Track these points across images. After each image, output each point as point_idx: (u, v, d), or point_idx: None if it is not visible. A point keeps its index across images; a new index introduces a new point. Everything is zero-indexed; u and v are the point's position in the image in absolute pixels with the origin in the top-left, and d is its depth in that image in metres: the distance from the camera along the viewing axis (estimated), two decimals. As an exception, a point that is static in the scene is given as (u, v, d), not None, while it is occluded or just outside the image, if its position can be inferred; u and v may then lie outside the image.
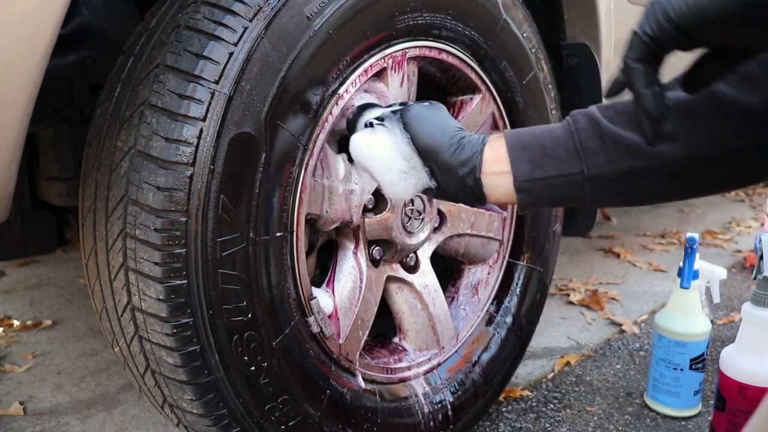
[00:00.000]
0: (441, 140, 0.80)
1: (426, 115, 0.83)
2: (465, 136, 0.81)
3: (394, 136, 0.83)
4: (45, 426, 1.26)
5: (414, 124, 0.82)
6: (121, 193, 0.78)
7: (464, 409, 1.16)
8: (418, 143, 0.82)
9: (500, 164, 0.78)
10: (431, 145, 0.80)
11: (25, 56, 0.69)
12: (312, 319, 0.92)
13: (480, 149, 0.79)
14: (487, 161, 0.78)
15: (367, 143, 0.84)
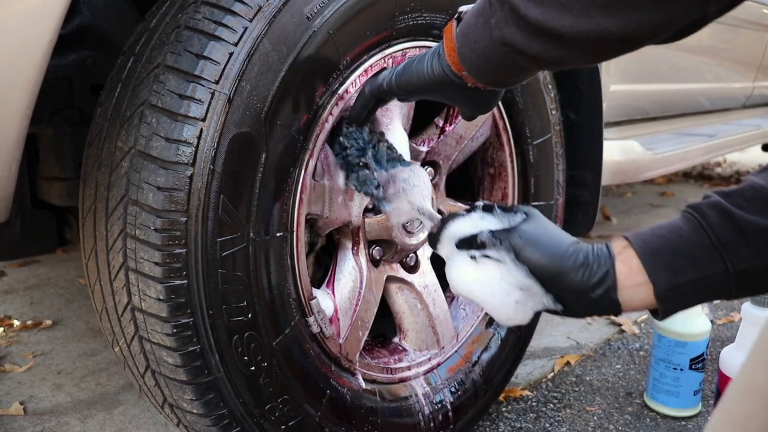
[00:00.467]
0: (563, 264, 0.72)
1: (535, 236, 0.75)
2: (584, 251, 0.73)
3: (505, 268, 0.75)
4: (45, 426, 1.26)
5: (527, 251, 0.74)
6: (122, 193, 0.78)
7: (464, 409, 1.16)
8: (538, 272, 0.73)
9: (636, 277, 0.70)
10: (554, 272, 0.73)
11: (25, 56, 0.69)
12: (312, 319, 0.92)
13: (610, 266, 0.71)
14: (622, 277, 0.71)
15: (474, 280, 0.77)
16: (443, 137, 1.12)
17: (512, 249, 0.75)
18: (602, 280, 0.71)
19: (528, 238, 0.74)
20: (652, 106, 1.92)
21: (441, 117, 1.14)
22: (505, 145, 1.20)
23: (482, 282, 0.76)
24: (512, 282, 0.74)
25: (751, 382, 0.48)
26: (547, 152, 1.24)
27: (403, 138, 1.01)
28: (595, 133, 1.37)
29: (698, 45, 1.97)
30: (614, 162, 1.55)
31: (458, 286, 0.79)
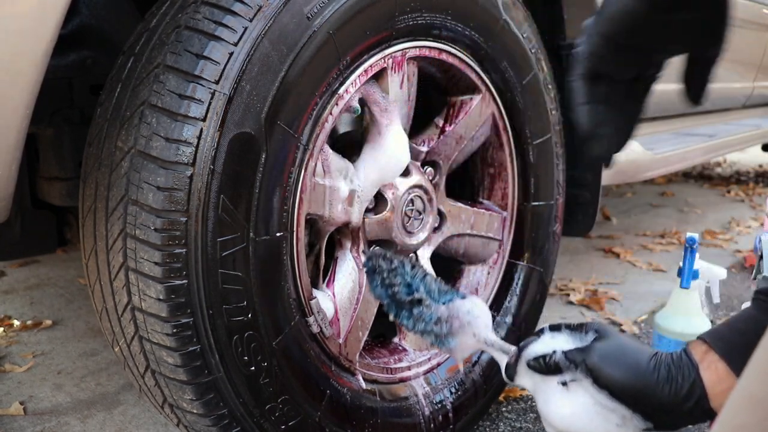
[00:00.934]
0: (647, 381, 0.70)
1: (612, 354, 0.71)
2: (665, 363, 0.71)
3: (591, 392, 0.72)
4: (45, 426, 1.26)
5: (606, 371, 0.71)
6: (121, 193, 0.78)
7: (464, 409, 1.16)
8: (620, 393, 0.71)
9: (726, 382, 0.68)
10: (638, 391, 0.70)
11: (25, 56, 0.69)
12: (312, 319, 0.92)
13: (696, 376, 0.69)
14: (710, 385, 0.68)
15: (572, 414, 0.73)
16: (443, 137, 1.12)
17: (589, 371, 0.72)
18: (690, 393, 0.69)
19: (605, 356, 0.71)
20: (652, 106, 1.91)
21: (441, 117, 1.14)
22: (505, 145, 1.20)
23: (578, 414, 0.72)
24: (604, 407, 0.71)
25: (752, 393, 0.48)
26: (547, 152, 1.24)
27: (403, 138, 1.01)
28: (595, 133, 1.37)
29: (698, 45, 1.96)
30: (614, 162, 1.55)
31: (556, 422, 0.75)
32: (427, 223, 1.10)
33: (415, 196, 1.07)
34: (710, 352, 0.69)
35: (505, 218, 1.24)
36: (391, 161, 1.00)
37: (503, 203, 1.24)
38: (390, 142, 0.99)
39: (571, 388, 0.73)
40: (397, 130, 1.00)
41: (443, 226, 1.16)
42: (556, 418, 0.74)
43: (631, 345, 0.74)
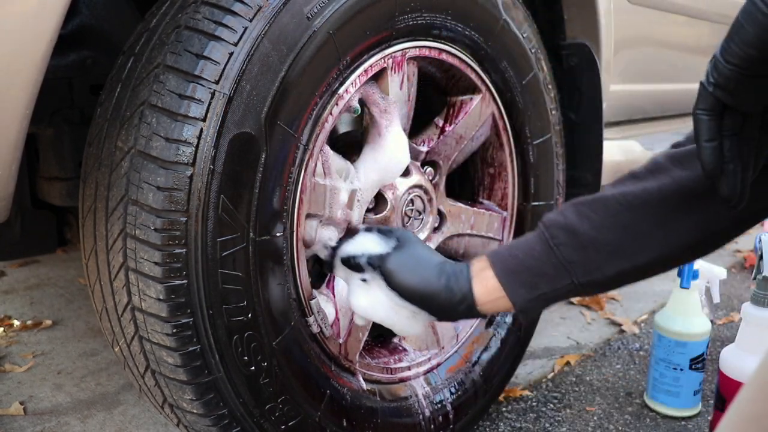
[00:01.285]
0: (427, 289, 0.84)
1: (403, 264, 0.85)
2: (446, 275, 0.84)
3: (385, 291, 0.86)
4: (45, 426, 1.26)
5: (396, 278, 0.85)
6: (121, 193, 0.78)
7: (464, 409, 1.16)
8: (407, 296, 0.85)
9: (494, 293, 0.82)
10: (420, 296, 0.84)
11: (25, 56, 0.69)
12: (312, 319, 0.92)
13: (468, 287, 0.83)
14: (480, 295, 0.82)
15: (367, 305, 0.88)
16: (443, 137, 1.12)
17: (383, 275, 0.85)
18: (462, 299, 0.83)
19: (398, 265, 0.85)
20: (652, 106, 1.92)
21: (441, 117, 1.14)
22: (505, 145, 1.20)
23: (374, 306, 0.88)
24: (396, 303, 0.86)
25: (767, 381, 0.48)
26: (547, 152, 1.24)
27: (403, 139, 1.01)
28: (595, 133, 1.37)
29: (698, 45, 1.97)
30: (614, 162, 1.55)
31: (357, 310, 0.91)
32: (427, 223, 1.10)
33: (415, 196, 1.07)
34: (487, 269, 0.82)
35: (505, 218, 1.24)
36: (391, 162, 1.00)
37: (503, 203, 1.24)
38: (390, 143, 0.99)
39: (370, 285, 0.87)
40: (397, 131, 1.00)
41: (443, 226, 1.16)
42: (357, 306, 0.90)
43: (423, 255, 0.87)
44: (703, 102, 0.64)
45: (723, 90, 0.61)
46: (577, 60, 1.36)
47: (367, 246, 0.89)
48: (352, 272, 0.89)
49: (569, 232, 0.77)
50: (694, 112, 0.65)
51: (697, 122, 0.64)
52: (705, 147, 0.64)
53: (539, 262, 0.79)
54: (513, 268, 0.80)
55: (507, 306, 0.82)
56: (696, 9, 1.81)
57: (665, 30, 1.81)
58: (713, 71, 0.62)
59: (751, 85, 0.61)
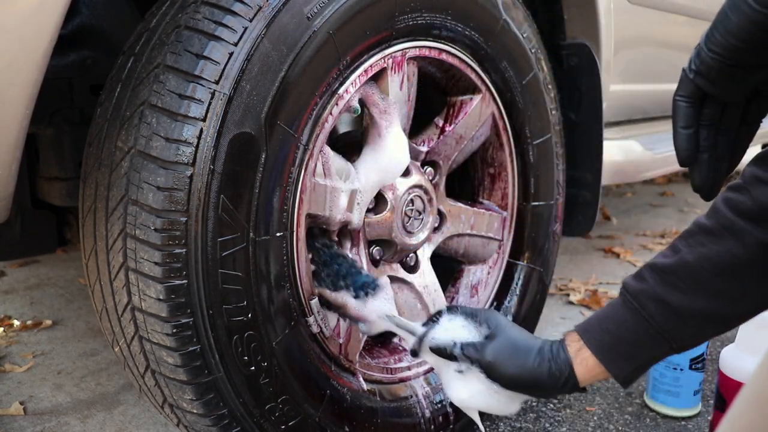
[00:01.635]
0: (530, 378, 0.81)
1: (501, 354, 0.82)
2: (546, 360, 0.81)
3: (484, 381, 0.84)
4: (45, 426, 1.26)
5: (496, 371, 0.82)
6: (121, 193, 0.78)
7: (464, 409, 1.16)
8: (512, 387, 0.83)
9: (594, 371, 0.80)
10: (523, 383, 0.82)
11: (25, 56, 0.69)
12: (312, 319, 0.92)
13: (570, 370, 0.80)
14: (582, 376, 0.81)
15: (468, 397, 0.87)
16: (443, 137, 1.12)
17: (483, 368, 0.83)
18: (566, 382, 0.81)
19: (497, 355, 0.82)
20: (652, 106, 1.92)
21: (441, 117, 1.14)
22: (505, 145, 1.20)
23: (474, 397, 0.86)
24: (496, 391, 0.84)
25: (761, 392, 0.47)
26: (547, 152, 1.24)
27: (403, 140, 1.01)
28: (595, 133, 1.37)
29: (698, 45, 1.96)
30: (614, 162, 1.55)
31: (456, 402, 0.89)
32: (427, 223, 1.10)
33: (415, 196, 1.07)
34: (584, 350, 0.80)
35: (505, 218, 1.24)
36: (391, 163, 1.00)
37: (503, 203, 1.24)
38: (390, 144, 0.99)
39: (466, 376, 0.85)
40: (397, 132, 1.00)
41: (443, 226, 1.16)
42: (457, 399, 0.88)
43: (520, 342, 0.84)
44: (684, 89, 0.63)
45: (704, 78, 0.61)
46: (577, 60, 1.36)
47: (457, 334, 0.86)
48: (444, 361, 0.87)
49: (660, 303, 0.75)
50: (674, 97, 0.64)
51: (675, 108, 0.64)
52: (681, 133, 0.64)
53: (634, 335, 0.77)
54: (609, 343, 0.79)
55: (607, 377, 0.81)
56: (696, 9, 1.81)
57: (665, 30, 1.81)
58: (696, 58, 0.62)
59: (732, 75, 0.60)
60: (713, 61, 0.60)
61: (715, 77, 0.61)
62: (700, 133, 0.64)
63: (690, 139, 0.64)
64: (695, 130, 0.64)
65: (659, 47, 1.81)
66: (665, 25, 1.79)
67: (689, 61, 0.63)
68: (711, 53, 0.60)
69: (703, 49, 0.61)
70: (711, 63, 0.60)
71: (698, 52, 0.62)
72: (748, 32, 0.57)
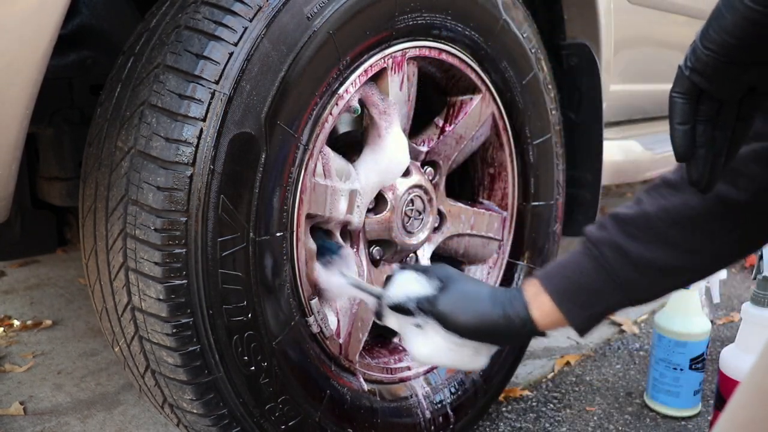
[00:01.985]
0: (485, 322, 0.82)
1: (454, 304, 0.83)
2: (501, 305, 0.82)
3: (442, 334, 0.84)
4: (45, 426, 1.26)
5: (450, 321, 0.82)
6: (121, 193, 0.78)
7: (464, 409, 1.16)
8: (465, 334, 0.83)
9: (551, 316, 0.81)
10: (479, 330, 0.83)
11: (25, 56, 0.69)
12: (312, 319, 0.92)
13: (526, 314, 0.81)
14: (539, 319, 0.81)
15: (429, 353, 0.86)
16: (443, 137, 1.12)
17: (437, 319, 0.83)
18: (523, 325, 0.82)
19: (449, 305, 0.83)
20: (652, 106, 1.92)
21: (441, 117, 1.14)
22: (505, 145, 1.20)
23: (435, 352, 0.85)
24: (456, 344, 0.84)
25: (760, 386, 0.48)
26: (547, 152, 1.24)
27: (403, 140, 1.01)
28: (595, 133, 1.37)
29: (698, 45, 1.96)
30: (614, 162, 1.55)
31: (419, 359, 0.89)
32: (427, 223, 1.10)
33: (415, 196, 1.07)
34: (542, 294, 0.81)
35: (505, 218, 1.24)
36: (391, 164, 1.00)
37: (503, 203, 1.24)
38: (390, 145, 0.99)
39: (425, 330, 0.85)
40: (397, 133, 1.00)
41: (443, 226, 1.16)
42: (418, 355, 0.87)
43: (472, 290, 0.85)
44: (680, 85, 0.64)
45: (699, 75, 0.62)
46: (577, 60, 1.36)
47: (410, 288, 0.86)
48: (403, 319, 0.87)
49: (619, 252, 0.76)
50: (670, 94, 0.65)
51: (672, 104, 0.65)
52: (677, 129, 0.65)
53: (593, 282, 0.78)
54: (567, 289, 0.80)
55: (564, 325, 0.81)
56: (696, 9, 1.81)
57: (665, 30, 1.81)
58: (691, 55, 0.62)
59: (727, 72, 0.61)
60: (708, 58, 0.60)
61: (710, 74, 0.61)
62: (696, 129, 0.65)
63: (687, 135, 0.65)
64: (692, 126, 0.65)
65: (659, 47, 1.81)
66: (665, 25, 1.79)
67: (685, 58, 0.64)
68: (706, 50, 0.60)
69: (698, 46, 0.61)
70: (706, 60, 0.60)
71: (694, 49, 0.62)
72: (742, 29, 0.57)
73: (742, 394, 0.50)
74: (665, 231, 0.74)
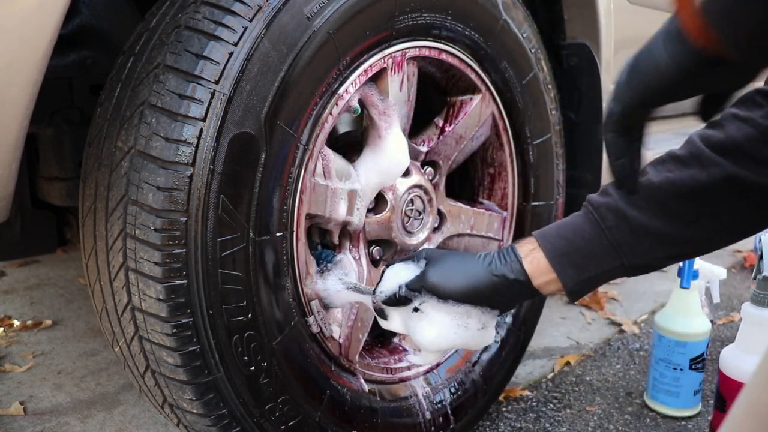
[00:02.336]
0: (479, 284, 0.82)
1: (443, 271, 0.84)
2: (493, 260, 0.83)
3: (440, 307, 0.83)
4: (45, 426, 1.26)
5: (443, 287, 0.83)
6: (121, 193, 0.78)
7: (464, 409, 1.16)
8: (462, 298, 0.83)
9: (545, 274, 0.81)
10: (478, 291, 0.83)
11: (25, 56, 0.69)
12: (312, 319, 0.92)
13: (520, 267, 0.82)
14: (533, 274, 0.81)
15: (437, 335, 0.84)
16: (443, 137, 1.12)
17: (430, 291, 0.83)
18: (515, 280, 0.82)
19: (438, 274, 0.83)
20: (652, 106, 1.91)
21: (441, 117, 1.14)
22: (505, 145, 1.20)
23: (441, 332, 0.84)
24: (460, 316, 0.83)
25: (757, 401, 0.47)
26: (547, 152, 1.24)
27: (402, 142, 1.01)
28: (595, 133, 1.37)
29: (698, 45, 1.96)
30: (614, 162, 1.55)
31: (428, 346, 0.86)
32: (427, 223, 1.10)
33: (415, 196, 1.07)
34: (537, 251, 0.81)
35: (505, 218, 1.24)
36: (391, 165, 1.00)
37: (503, 203, 1.24)
38: (390, 146, 0.99)
39: (424, 310, 0.84)
40: (397, 134, 1.00)
41: (443, 226, 1.16)
42: (427, 343, 0.85)
43: (457, 257, 0.86)
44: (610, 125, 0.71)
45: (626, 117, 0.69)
46: (577, 60, 1.36)
47: (399, 277, 0.86)
48: (403, 311, 0.86)
49: (619, 217, 0.77)
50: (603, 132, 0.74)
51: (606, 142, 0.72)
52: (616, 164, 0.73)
53: (589, 244, 0.79)
54: (563, 249, 0.80)
55: (557, 287, 0.81)
56: (696, 9, 1.81)
57: (665, 30, 1.81)
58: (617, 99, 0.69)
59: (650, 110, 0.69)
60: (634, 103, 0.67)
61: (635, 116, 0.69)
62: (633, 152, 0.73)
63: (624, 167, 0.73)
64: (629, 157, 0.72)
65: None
66: (665, 25, 1.79)
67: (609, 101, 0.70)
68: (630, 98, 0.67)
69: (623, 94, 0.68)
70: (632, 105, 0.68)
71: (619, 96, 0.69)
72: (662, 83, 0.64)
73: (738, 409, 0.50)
74: (668, 201, 0.75)
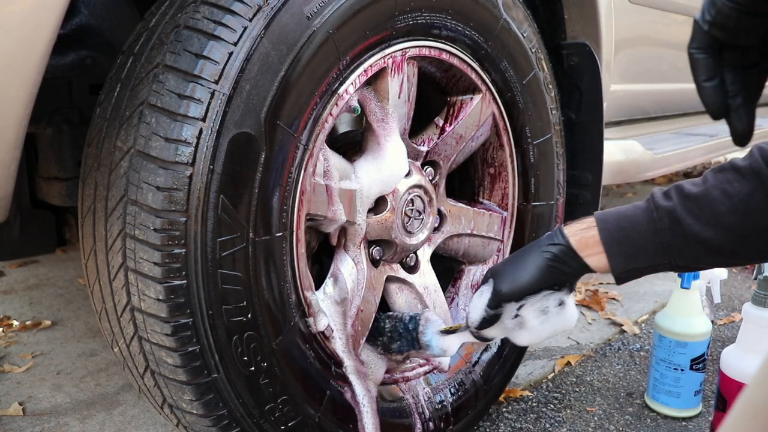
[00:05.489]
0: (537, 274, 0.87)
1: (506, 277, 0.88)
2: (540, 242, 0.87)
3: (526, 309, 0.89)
4: (44, 426, 1.26)
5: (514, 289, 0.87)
6: (121, 193, 0.78)
7: (464, 410, 1.16)
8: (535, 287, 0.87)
9: (594, 250, 0.84)
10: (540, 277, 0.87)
11: (24, 56, 0.69)
12: (312, 319, 0.92)
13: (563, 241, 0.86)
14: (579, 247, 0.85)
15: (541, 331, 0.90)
16: (443, 137, 1.12)
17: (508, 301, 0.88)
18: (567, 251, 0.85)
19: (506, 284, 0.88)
20: (652, 106, 1.91)
21: (441, 117, 1.14)
22: (506, 145, 1.19)
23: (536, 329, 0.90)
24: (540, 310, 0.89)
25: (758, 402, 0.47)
26: (547, 152, 1.24)
27: (401, 149, 1.01)
28: (595, 133, 1.37)
29: (699, 45, 1.96)
30: (615, 162, 1.55)
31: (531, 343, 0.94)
32: (427, 223, 1.10)
33: (415, 196, 1.07)
34: (592, 229, 0.85)
35: (506, 218, 1.24)
36: (391, 173, 1.00)
37: (503, 203, 1.23)
38: (389, 153, 0.99)
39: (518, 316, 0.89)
40: (396, 141, 1.00)
41: (443, 227, 1.16)
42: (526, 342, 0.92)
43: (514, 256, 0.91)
44: (699, 40, 0.62)
45: (720, 28, 0.60)
46: (578, 60, 1.36)
47: (480, 303, 0.91)
48: (498, 325, 0.91)
49: (675, 221, 0.79)
50: (689, 50, 0.63)
51: (693, 61, 0.63)
52: (705, 87, 0.63)
53: (642, 237, 0.82)
54: (618, 237, 0.83)
55: (601, 264, 0.84)
56: (696, 9, 1.81)
57: (666, 30, 1.81)
58: (711, 8, 0.60)
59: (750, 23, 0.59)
60: (731, 10, 0.59)
61: (732, 27, 0.59)
62: (725, 79, 0.63)
63: (716, 90, 0.63)
64: (720, 80, 0.63)
65: (660, 47, 1.81)
66: (666, 25, 1.79)
67: (702, 12, 0.61)
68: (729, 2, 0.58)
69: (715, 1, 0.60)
70: (728, 12, 0.59)
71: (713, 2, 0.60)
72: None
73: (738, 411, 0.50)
74: (722, 215, 0.76)
